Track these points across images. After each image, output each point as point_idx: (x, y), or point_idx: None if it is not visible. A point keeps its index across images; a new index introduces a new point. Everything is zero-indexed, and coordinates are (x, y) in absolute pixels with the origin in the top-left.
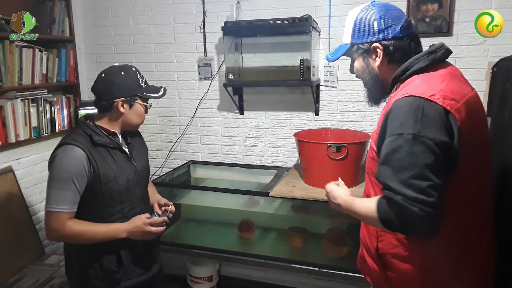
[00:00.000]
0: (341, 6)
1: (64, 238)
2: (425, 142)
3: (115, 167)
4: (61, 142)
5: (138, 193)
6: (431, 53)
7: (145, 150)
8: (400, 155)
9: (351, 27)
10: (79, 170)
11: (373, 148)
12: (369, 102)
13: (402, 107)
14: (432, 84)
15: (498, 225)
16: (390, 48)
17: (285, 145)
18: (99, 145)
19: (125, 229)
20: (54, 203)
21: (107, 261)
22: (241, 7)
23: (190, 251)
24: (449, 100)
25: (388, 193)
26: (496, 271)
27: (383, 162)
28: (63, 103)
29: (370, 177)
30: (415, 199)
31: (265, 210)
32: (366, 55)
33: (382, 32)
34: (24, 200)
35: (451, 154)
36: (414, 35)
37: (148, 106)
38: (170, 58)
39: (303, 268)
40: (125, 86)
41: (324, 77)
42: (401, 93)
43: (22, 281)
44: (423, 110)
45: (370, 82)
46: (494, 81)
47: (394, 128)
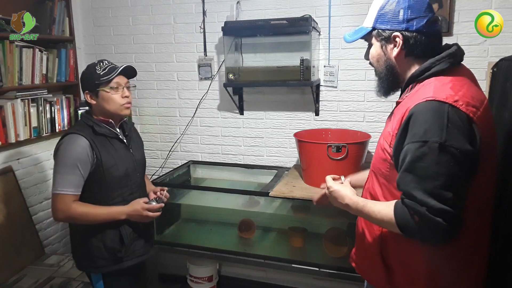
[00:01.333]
0: (341, 6)
1: (69, 218)
2: (452, 152)
3: (116, 155)
4: (66, 132)
5: (136, 179)
6: (452, 55)
7: (141, 143)
8: (426, 164)
9: (377, 10)
10: (83, 156)
11: (385, 149)
12: (378, 93)
13: (426, 112)
14: (454, 88)
15: (498, 225)
16: (411, 41)
17: (285, 145)
18: (100, 135)
19: (125, 212)
20: (60, 186)
21: (110, 241)
22: (241, 7)
23: (190, 251)
24: (471, 107)
25: (411, 203)
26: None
27: (407, 169)
28: (63, 103)
29: (379, 178)
30: (440, 210)
31: (265, 210)
32: (384, 43)
33: (407, 23)
34: (24, 200)
35: (473, 163)
36: (437, 32)
37: (118, 89)
38: (170, 58)
39: (303, 268)
40: (85, 80)
41: (324, 77)
42: (422, 96)
43: (22, 281)
44: (449, 117)
45: (384, 72)
46: (494, 81)
47: (418, 134)
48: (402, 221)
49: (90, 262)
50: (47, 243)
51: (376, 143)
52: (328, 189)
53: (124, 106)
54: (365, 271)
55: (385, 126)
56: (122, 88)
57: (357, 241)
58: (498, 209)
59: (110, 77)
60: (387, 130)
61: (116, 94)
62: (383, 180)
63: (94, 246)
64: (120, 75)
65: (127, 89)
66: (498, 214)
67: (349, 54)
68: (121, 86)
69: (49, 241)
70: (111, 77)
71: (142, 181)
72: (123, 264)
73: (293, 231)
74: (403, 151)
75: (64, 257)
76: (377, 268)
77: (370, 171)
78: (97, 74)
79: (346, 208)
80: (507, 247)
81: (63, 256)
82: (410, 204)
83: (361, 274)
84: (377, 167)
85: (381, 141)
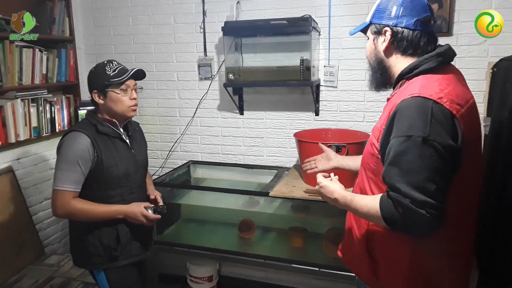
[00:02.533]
0: (341, 6)
1: (68, 214)
2: (435, 146)
3: (117, 155)
4: (69, 129)
5: (136, 180)
6: (440, 55)
7: (145, 144)
8: (410, 158)
9: (376, 6)
10: (84, 154)
11: (374, 144)
12: (370, 86)
13: (411, 108)
14: (439, 86)
15: (498, 225)
16: (398, 36)
17: (285, 145)
18: (102, 134)
19: (123, 211)
20: (60, 183)
21: (107, 239)
22: (241, 7)
23: (190, 251)
24: (455, 104)
25: (395, 195)
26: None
27: (391, 163)
28: (63, 103)
29: (367, 172)
30: (423, 202)
31: (265, 210)
32: (376, 36)
33: (397, 19)
34: (24, 200)
35: (455, 158)
36: (429, 33)
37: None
38: (170, 58)
39: (303, 268)
40: (94, 79)
41: (324, 77)
42: (408, 93)
43: (22, 281)
44: (432, 113)
45: (374, 65)
46: (494, 81)
47: (403, 129)
48: (387, 213)
49: (86, 259)
50: (47, 243)
51: None
52: (318, 185)
53: (131, 108)
54: (352, 263)
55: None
56: (130, 90)
57: (346, 235)
58: (498, 209)
59: (121, 79)
60: (376, 126)
61: (125, 96)
62: (370, 174)
63: (91, 243)
64: (130, 77)
65: (135, 91)
66: (498, 214)
67: (349, 54)
68: (130, 88)
69: (49, 241)
70: (123, 79)
71: (143, 182)
72: (118, 262)
73: (293, 231)
74: (388, 146)
75: (64, 257)
76: (363, 261)
77: (361, 166)
78: (107, 74)
79: (335, 202)
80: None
81: (63, 256)
82: (394, 196)
83: (347, 265)
84: (365, 162)
85: (370, 137)
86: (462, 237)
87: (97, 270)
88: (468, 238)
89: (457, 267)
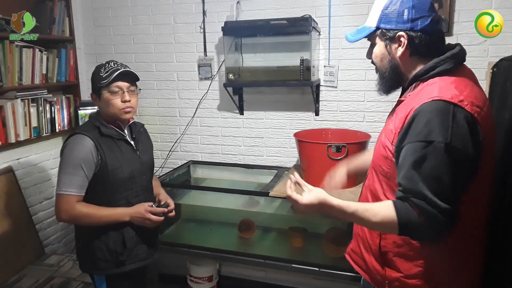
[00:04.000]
0: (341, 6)
1: (73, 219)
2: (457, 152)
3: (121, 157)
4: (73, 132)
5: (142, 182)
6: (455, 56)
7: (150, 145)
8: (431, 164)
9: (380, 10)
10: (87, 157)
11: (387, 147)
12: (379, 91)
13: (431, 112)
14: (458, 88)
15: (498, 224)
16: (415, 41)
17: (285, 145)
18: (106, 136)
19: (128, 213)
20: (64, 187)
21: (113, 243)
22: (241, 7)
23: (190, 251)
24: (475, 106)
25: (420, 202)
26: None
27: (412, 167)
28: (63, 103)
29: (379, 176)
30: (446, 210)
31: (265, 210)
32: (389, 42)
33: (411, 22)
34: (24, 200)
35: (475, 163)
36: (440, 32)
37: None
38: (170, 58)
39: (303, 268)
40: (92, 81)
41: (324, 77)
42: (426, 95)
43: (22, 281)
44: (454, 118)
45: (388, 71)
46: (494, 81)
47: (423, 134)
48: (404, 219)
49: (92, 264)
50: (47, 243)
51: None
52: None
53: (123, 111)
54: (363, 267)
55: (386, 123)
56: (122, 92)
57: (355, 237)
58: (498, 209)
59: (108, 81)
60: (389, 128)
61: (115, 98)
62: (383, 178)
63: (97, 248)
64: (122, 79)
65: (129, 93)
66: (498, 214)
67: (349, 54)
68: (122, 90)
69: (49, 241)
70: (109, 81)
71: (149, 184)
72: (125, 267)
73: (293, 231)
74: (405, 149)
75: (64, 257)
76: (375, 264)
77: (370, 168)
78: (100, 76)
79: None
80: (506, 246)
81: (63, 256)
82: (419, 203)
83: (358, 269)
84: (377, 165)
85: (382, 139)
86: (473, 248)
87: (99, 278)
88: (480, 246)
89: (470, 273)
